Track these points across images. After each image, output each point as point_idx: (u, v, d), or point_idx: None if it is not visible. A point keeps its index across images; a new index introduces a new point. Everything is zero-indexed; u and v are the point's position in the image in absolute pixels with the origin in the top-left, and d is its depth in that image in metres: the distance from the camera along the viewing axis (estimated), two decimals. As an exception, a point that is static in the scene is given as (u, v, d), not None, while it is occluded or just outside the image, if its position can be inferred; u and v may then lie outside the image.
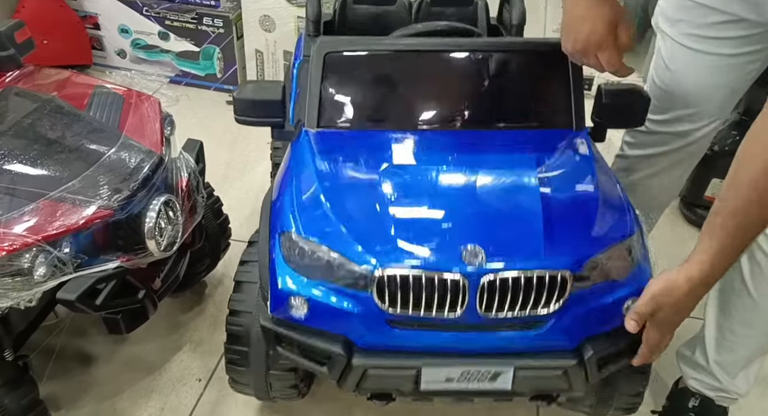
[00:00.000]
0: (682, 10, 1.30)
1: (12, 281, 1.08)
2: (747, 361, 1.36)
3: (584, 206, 1.16)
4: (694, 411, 1.44)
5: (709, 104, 1.36)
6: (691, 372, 1.42)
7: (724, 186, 1.02)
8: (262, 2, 2.41)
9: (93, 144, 1.31)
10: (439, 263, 1.05)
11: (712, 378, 1.38)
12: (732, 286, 1.30)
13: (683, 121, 1.39)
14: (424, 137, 1.31)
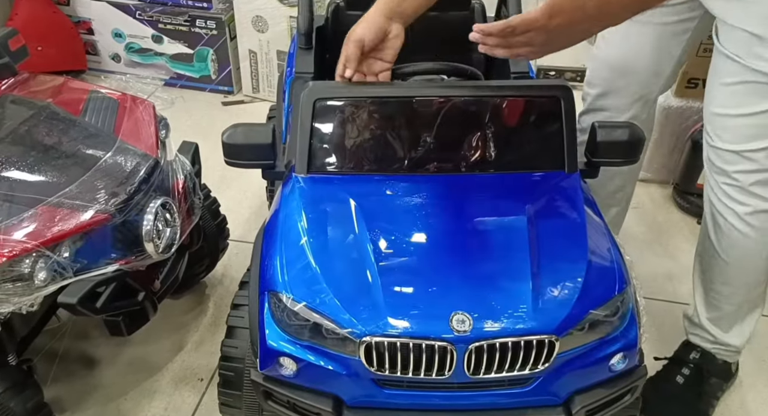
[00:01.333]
0: None
1: (13, 286, 1.10)
2: (736, 316, 1.46)
3: (574, 265, 1.14)
4: (694, 362, 1.52)
5: (639, 76, 1.45)
6: (690, 329, 1.54)
7: None
8: (254, 3, 2.42)
9: (89, 149, 1.33)
10: (427, 331, 1.05)
11: (707, 333, 1.49)
12: (705, 250, 1.42)
13: (618, 94, 1.48)
14: (415, 183, 1.28)
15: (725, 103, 1.26)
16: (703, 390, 1.50)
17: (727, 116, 1.26)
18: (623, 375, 1.17)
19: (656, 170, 2.21)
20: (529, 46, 1.12)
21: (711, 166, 1.34)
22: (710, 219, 1.37)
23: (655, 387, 1.51)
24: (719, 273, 1.41)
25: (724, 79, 1.24)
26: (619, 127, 1.35)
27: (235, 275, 1.87)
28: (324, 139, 1.30)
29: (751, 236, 1.32)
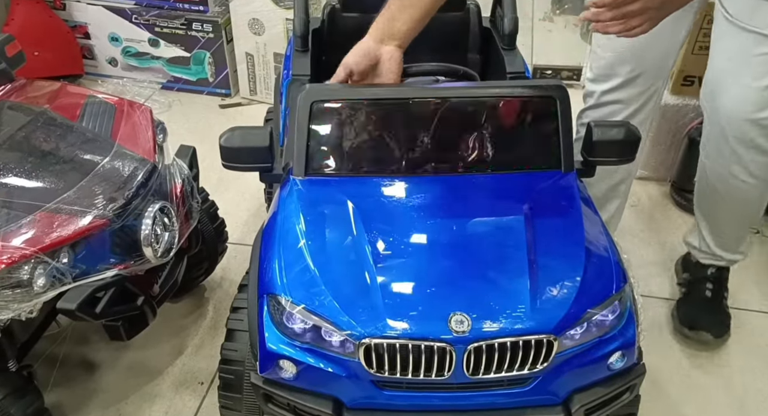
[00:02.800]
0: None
1: (12, 293, 1.10)
2: (739, 236, 1.68)
3: (572, 264, 1.15)
4: (712, 277, 1.75)
5: (647, 64, 1.49)
6: (700, 256, 1.74)
7: None
8: (250, 6, 2.42)
9: (87, 154, 1.33)
10: (426, 332, 1.05)
11: (717, 257, 1.71)
12: (706, 195, 1.61)
13: (628, 85, 1.52)
14: (413, 184, 1.28)
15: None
16: (723, 293, 1.76)
17: None
18: (622, 374, 1.17)
19: (653, 168, 2.22)
20: (644, 14, 1.13)
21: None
22: (714, 175, 1.53)
23: (690, 304, 1.75)
24: (726, 216, 1.62)
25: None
26: (614, 126, 1.35)
27: (234, 278, 1.87)
28: (321, 142, 1.30)
29: (755, 183, 1.49)
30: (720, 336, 1.70)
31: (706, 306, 1.73)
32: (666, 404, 1.57)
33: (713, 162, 1.54)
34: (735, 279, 1.85)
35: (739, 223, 1.66)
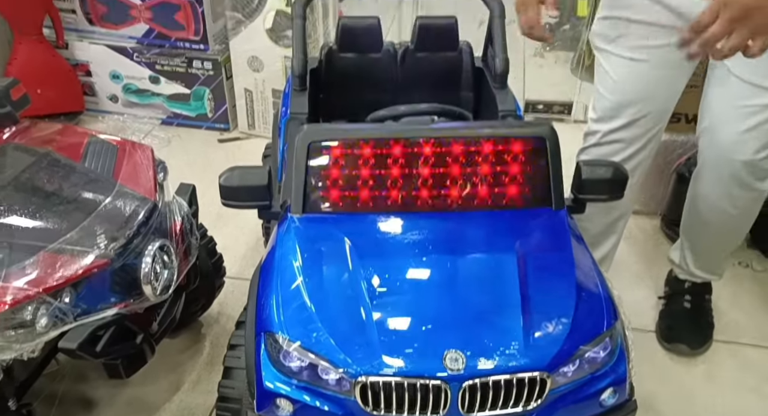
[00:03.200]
0: (618, 28, 1.49)
1: (15, 333, 1.12)
2: (719, 260, 1.78)
3: (563, 302, 1.17)
4: (690, 291, 1.84)
5: (652, 106, 1.54)
6: (680, 272, 1.85)
7: None
8: (249, 44, 2.48)
9: (89, 194, 1.36)
10: (421, 369, 1.07)
11: (695, 275, 1.81)
12: (692, 222, 1.71)
13: (632, 126, 1.56)
14: (408, 221, 1.31)
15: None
16: (705, 306, 1.85)
17: None
18: (614, 410, 1.19)
19: (645, 202, 2.25)
20: (756, 25, 1.10)
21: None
22: (704, 205, 1.62)
23: (670, 316, 1.85)
24: (712, 241, 1.72)
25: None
26: (603, 166, 1.39)
27: (231, 313, 1.89)
28: (318, 180, 1.33)
29: (738, 214, 1.59)
30: (697, 349, 1.76)
31: (685, 319, 1.81)
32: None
33: (703, 194, 1.61)
34: (726, 311, 1.88)
35: (720, 249, 1.76)
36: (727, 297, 1.96)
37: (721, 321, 1.87)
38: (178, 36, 2.57)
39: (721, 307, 1.91)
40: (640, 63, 1.50)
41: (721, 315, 1.89)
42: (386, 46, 1.84)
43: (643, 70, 1.50)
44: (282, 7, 2.36)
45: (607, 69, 1.56)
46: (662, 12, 1.42)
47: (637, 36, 1.48)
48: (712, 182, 1.57)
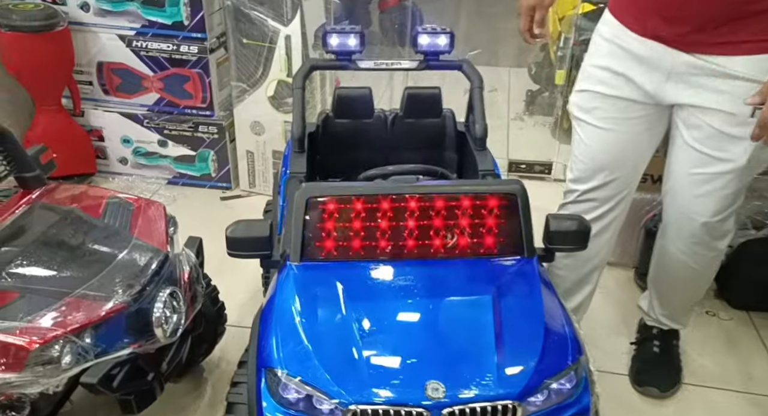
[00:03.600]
0: (594, 100, 1.65)
1: (43, 369, 1.26)
2: (684, 310, 1.94)
3: (533, 339, 1.31)
4: (658, 336, 1.98)
5: (622, 172, 1.70)
6: (648, 319, 2.00)
7: None
8: (252, 111, 2.69)
9: (108, 247, 1.52)
10: (406, 399, 1.21)
11: (662, 323, 1.96)
12: (660, 277, 1.88)
13: (604, 187, 1.72)
14: (395, 268, 1.47)
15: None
16: (672, 351, 1.98)
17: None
18: (580, 438, 1.32)
19: (619, 255, 2.41)
20: None
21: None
22: (669, 262, 1.79)
23: (641, 360, 1.99)
24: (675, 292, 1.89)
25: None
26: (569, 219, 1.56)
27: (231, 358, 2.00)
28: (315, 232, 1.49)
29: (701, 272, 1.77)
30: (666, 391, 1.88)
31: (655, 363, 1.94)
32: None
33: (668, 250, 1.76)
34: (695, 357, 2.01)
35: (684, 300, 1.91)
36: (696, 343, 2.09)
37: (690, 365, 2.00)
38: (187, 104, 2.79)
39: (690, 353, 2.05)
40: (612, 133, 1.66)
41: (690, 360, 2.02)
42: (377, 112, 2.03)
43: (614, 139, 1.66)
44: (283, 78, 2.59)
45: (582, 136, 1.72)
46: (633, 90, 1.58)
47: (610, 109, 1.64)
48: (675, 239, 1.73)
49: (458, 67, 1.92)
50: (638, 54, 1.54)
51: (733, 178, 1.56)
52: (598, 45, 1.64)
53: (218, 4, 2.64)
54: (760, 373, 2.00)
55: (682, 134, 1.59)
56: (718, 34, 1.42)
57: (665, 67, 1.51)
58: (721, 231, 1.68)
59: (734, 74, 1.44)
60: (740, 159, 1.52)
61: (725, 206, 1.62)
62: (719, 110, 1.49)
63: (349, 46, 1.85)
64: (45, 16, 2.59)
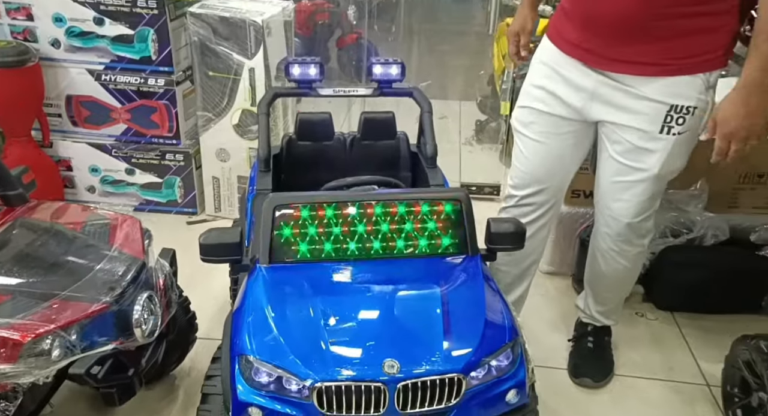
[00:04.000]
0: (531, 115, 1.89)
1: (35, 360, 1.39)
2: (616, 307, 2.17)
3: (474, 324, 1.50)
4: (592, 333, 2.20)
5: (553, 181, 1.94)
6: (582, 316, 2.22)
7: (760, 22, 1.52)
8: (218, 138, 2.86)
9: (90, 256, 1.66)
10: (365, 375, 1.38)
11: (596, 320, 2.18)
12: (595, 275, 2.09)
13: (540, 193, 1.95)
14: (354, 266, 1.65)
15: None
16: (605, 346, 2.20)
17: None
18: (518, 410, 1.50)
19: (558, 264, 2.65)
20: (747, 132, 1.56)
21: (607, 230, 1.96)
22: (601, 259, 2.01)
23: (577, 355, 2.20)
24: (607, 288, 2.11)
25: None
26: (507, 222, 1.76)
27: (201, 368, 2.11)
28: (282, 236, 1.66)
29: (629, 267, 1.99)
30: (599, 382, 2.09)
31: (589, 357, 2.16)
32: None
33: (599, 249, 2.00)
34: (625, 352, 2.23)
35: (615, 295, 2.13)
36: (626, 340, 2.31)
37: (621, 359, 2.22)
38: (154, 133, 2.94)
39: (621, 348, 2.27)
40: (545, 145, 1.89)
41: (621, 355, 2.24)
42: (337, 135, 2.22)
43: (547, 151, 1.89)
44: (247, 107, 2.78)
45: (521, 148, 1.94)
46: (564, 107, 1.81)
47: (544, 124, 1.87)
48: (605, 238, 1.97)
49: (409, 94, 2.14)
50: (567, 76, 1.79)
51: (648, 185, 1.81)
52: (536, 67, 1.89)
53: (185, 39, 2.83)
54: (680, 364, 2.24)
55: (606, 147, 1.84)
56: (632, 52, 1.65)
57: (589, 88, 1.76)
58: (643, 230, 1.92)
59: (644, 95, 1.70)
60: (654, 169, 1.77)
61: (644, 209, 1.86)
62: (634, 127, 1.74)
63: (310, 75, 2.06)
64: (17, 53, 2.73)
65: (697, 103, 1.66)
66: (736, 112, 1.54)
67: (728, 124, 1.55)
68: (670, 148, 1.71)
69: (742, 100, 1.53)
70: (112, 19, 2.74)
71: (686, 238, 2.41)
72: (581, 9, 1.71)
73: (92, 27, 2.77)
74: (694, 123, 1.68)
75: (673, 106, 1.66)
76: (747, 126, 1.54)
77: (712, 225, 2.40)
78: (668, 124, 1.67)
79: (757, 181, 2.47)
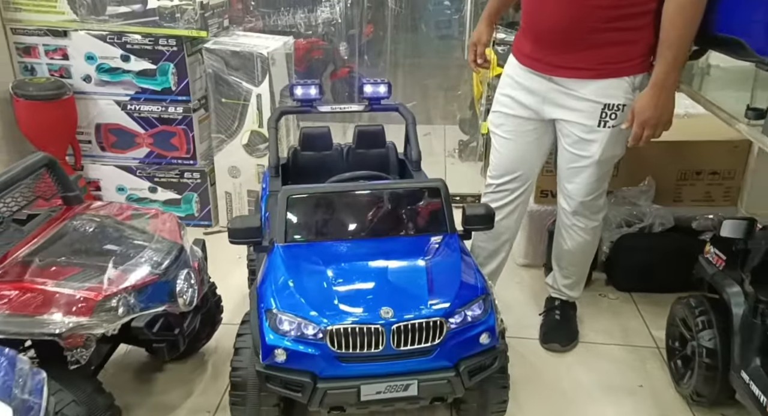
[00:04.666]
0: (501, 118, 2.31)
1: (105, 315, 1.75)
2: (579, 280, 2.52)
3: (452, 279, 1.87)
4: (559, 307, 2.56)
5: (524, 170, 2.33)
6: (552, 291, 2.58)
7: (666, 30, 1.89)
8: (230, 158, 3.26)
9: (139, 240, 2.03)
10: (366, 320, 1.74)
11: (563, 293, 2.53)
12: (561, 252, 2.44)
13: (513, 181, 2.35)
14: (354, 243, 2.02)
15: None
16: (570, 318, 2.56)
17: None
18: (490, 350, 1.85)
19: (531, 256, 3.03)
20: (657, 121, 1.95)
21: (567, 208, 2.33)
22: (566, 234, 2.39)
23: (547, 325, 2.55)
24: (571, 261, 2.46)
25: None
26: (479, 206, 2.14)
27: (225, 346, 2.47)
28: (295, 221, 2.05)
29: (588, 240, 2.33)
30: (566, 346, 2.45)
31: (556, 326, 2.53)
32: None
33: (563, 226, 2.39)
34: (589, 324, 2.60)
35: (578, 269, 2.49)
36: (590, 316, 2.68)
37: (585, 330, 2.59)
38: (173, 155, 3.34)
39: (585, 322, 2.63)
40: (513, 142, 2.28)
41: (585, 326, 2.61)
42: (335, 146, 2.62)
43: (515, 147, 2.28)
44: (256, 128, 3.19)
45: (496, 145, 2.34)
46: (524, 110, 2.22)
47: (511, 125, 2.27)
48: (567, 215, 2.35)
49: (395, 109, 2.55)
50: (525, 84, 2.21)
51: (594, 169, 2.21)
52: (503, 80, 2.32)
53: (200, 72, 3.26)
54: (635, 332, 2.61)
55: (561, 140, 2.25)
56: (572, 59, 2.07)
57: (542, 92, 2.18)
58: (596, 207, 2.32)
59: (583, 96, 2.11)
60: (596, 156, 2.17)
61: (594, 189, 2.26)
62: (578, 123, 2.15)
63: (311, 94, 2.47)
64: (54, 87, 3.15)
65: (625, 101, 2.07)
66: (649, 104, 1.95)
67: (643, 114, 1.97)
68: (607, 138, 2.13)
69: (653, 95, 1.94)
70: (137, 56, 3.17)
71: (638, 227, 2.81)
72: (531, 24, 2.15)
73: (119, 63, 3.20)
74: (624, 118, 2.10)
75: (606, 104, 2.08)
76: (657, 116, 1.95)
77: (659, 216, 2.80)
78: (604, 119, 2.09)
79: (696, 178, 2.89)
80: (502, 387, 1.99)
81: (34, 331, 1.65)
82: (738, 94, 2.07)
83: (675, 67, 1.91)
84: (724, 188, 2.91)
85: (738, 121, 1.89)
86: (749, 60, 1.78)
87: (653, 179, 2.87)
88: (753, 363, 1.87)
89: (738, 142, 2.81)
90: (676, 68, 1.92)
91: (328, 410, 1.84)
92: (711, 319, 2.06)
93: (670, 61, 1.90)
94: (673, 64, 1.91)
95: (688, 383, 2.16)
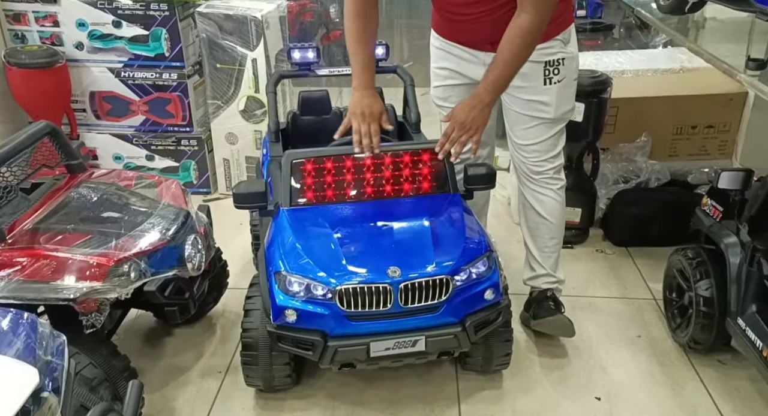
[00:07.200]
0: (446, 91, 2.29)
1: (118, 280, 1.78)
2: (557, 258, 2.35)
3: (457, 237, 1.91)
4: (552, 297, 2.35)
5: (483, 136, 2.27)
6: (535, 282, 2.38)
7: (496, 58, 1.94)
8: (226, 124, 3.26)
9: (146, 207, 2.06)
10: (374, 279, 1.78)
11: (550, 276, 2.34)
12: (534, 224, 2.30)
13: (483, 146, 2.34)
14: (358, 205, 2.04)
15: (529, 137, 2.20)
16: (559, 305, 2.34)
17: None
18: (494, 305, 1.91)
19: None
20: (469, 125, 1.98)
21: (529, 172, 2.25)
22: (535, 202, 2.27)
23: (541, 311, 2.33)
24: (547, 232, 2.30)
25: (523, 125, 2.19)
26: (480, 166, 2.17)
27: (232, 310, 2.52)
28: (299, 185, 2.07)
29: (559, 200, 2.25)
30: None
31: (552, 315, 2.33)
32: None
33: (527, 193, 2.29)
34: (587, 279, 2.66)
35: (556, 241, 2.32)
36: (589, 271, 2.75)
37: (584, 285, 2.65)
38: (169, 122, 3.32)
39: (584, 278, 2.69)
40: None
41: (584, 282, 2.67)
42: (334, 109, 2.63)
43: None
44: (252, 94, 3.18)
45: (443, 115, 2.30)
46: (465, 78, 2.20)
47: (458, 93, 2.23)
48: (527, 184, 2.26)
49: (393, 70, 2.55)
50: (460, 54, 2.19)
51: (548, 126, 2.14)
52: (434, 52, 2.29)
53: (193, 37, 3.22)
54: (632, 285, 2.68)
55: (509, 106, 2.19)
56: (497, 38, 2.01)
57: (480, 58, 2.14)
58: (553, 167, 2.21)
59: None
60: (549, 113, 2.11)
61: (551, 146, 2.18)
62: (524, 86, 2.10)
63: (309, 57, 2.46)
64: (47, 55, 3.12)
65: (563, 55, 2.08)
66: (464, 110, 1.99)
67: (459, 115, 1.99)
68: (556, 93, 2.12)
69: (471, 105, 1.98)
70: (128, 22, 3.13)
71: (635, 183, 2.85)
72: (446, 16, 2.14)
73: (111, 29, 3.16)
74: (566, 71, 2.10)
75: (547, 61, 2.08)
76: (470, 120, 1.98)
77: (655, 171, 2.85)
78: (548, 77, 2.10)
79: (691, 132, 2.93)
80: (506, 340, 2.05)
81: (50, 297, 1.68)
82: (734, 45, 2.08)
83: (495, 89, 1.97)
84: (719, 141, 2.95)
85: (739, 72, 1.91)
86: (749, 10, 1.79)
87: (649, 135, 2.90)
88: (749, 310, 1.93)
89: (733, 95, 2.84)
90: (496, 91, 1.98)
91: (338, 367, 1.89)
92: (708, 269, 2.11)
93: (491, 82, 1.95)
94: (492, 86, 1.96)
95: (685, 332, 2.23)
